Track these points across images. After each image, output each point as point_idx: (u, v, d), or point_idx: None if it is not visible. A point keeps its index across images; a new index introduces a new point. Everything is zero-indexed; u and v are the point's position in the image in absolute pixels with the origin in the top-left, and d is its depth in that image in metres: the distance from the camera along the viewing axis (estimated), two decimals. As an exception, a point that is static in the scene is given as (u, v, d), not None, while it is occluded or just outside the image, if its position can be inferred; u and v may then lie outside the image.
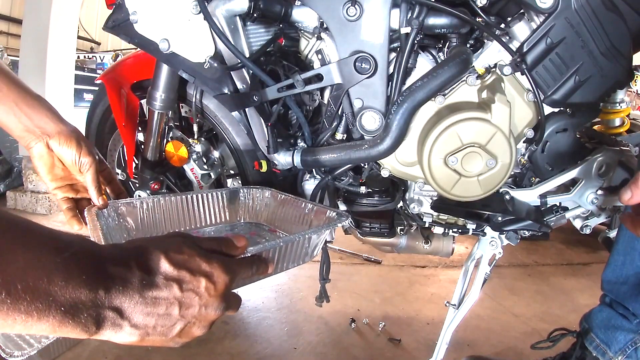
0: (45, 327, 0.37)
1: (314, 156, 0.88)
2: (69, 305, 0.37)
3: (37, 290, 0.35)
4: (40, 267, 0.36)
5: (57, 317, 0.36)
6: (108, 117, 1.47)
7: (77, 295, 0.37)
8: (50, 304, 0.36)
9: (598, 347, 0.99)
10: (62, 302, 0.36)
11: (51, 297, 0.36)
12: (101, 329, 0.41)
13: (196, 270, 0.47)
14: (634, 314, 0.96)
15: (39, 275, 0.35)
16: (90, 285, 0.38)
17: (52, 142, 0.71)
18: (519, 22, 0.82)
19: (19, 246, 0.36)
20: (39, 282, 0.35)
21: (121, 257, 0.43)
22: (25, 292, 0.34)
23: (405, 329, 1.45)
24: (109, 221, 0.76)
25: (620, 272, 0.97)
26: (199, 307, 0.48)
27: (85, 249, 0.41)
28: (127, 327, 0.44)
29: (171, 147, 1.22)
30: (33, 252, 0.36)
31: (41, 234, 0.38)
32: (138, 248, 0.46)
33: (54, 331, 0.38)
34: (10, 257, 0.35)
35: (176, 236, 0.51)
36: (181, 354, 1.25)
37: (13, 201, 2.40)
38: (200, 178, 1.25)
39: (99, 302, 0.39)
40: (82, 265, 0.39)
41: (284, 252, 0.71)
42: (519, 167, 0.93)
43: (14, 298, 0.34)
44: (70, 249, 0.39)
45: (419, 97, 0.77)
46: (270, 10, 0.84)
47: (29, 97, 0.70)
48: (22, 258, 0.35)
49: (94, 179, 0.74)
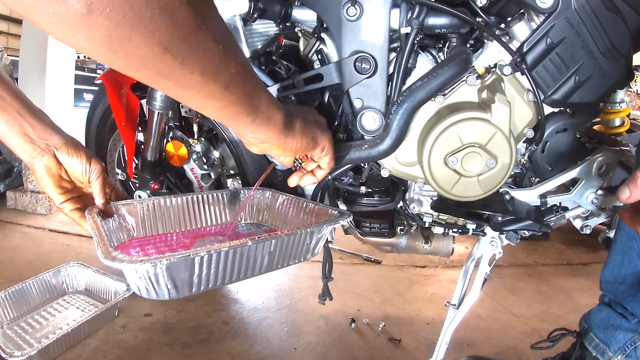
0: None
1: (313, 156, 0.88)
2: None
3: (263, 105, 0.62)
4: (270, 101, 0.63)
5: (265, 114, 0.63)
6: (108, 117, 1.47)
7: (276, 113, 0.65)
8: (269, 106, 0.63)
9: (597, 346, 0.99)
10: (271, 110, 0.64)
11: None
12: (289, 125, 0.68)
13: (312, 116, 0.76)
14: (632, 314, 0.96)
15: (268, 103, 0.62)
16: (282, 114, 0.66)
17: (60, 154, 0.70)
18: (519, 22, 0.82)
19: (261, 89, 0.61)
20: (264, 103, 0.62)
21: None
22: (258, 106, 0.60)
23: (405, 329, 1.45)
24: (110, 222, 0.76)
25: (618, 272, 0.97)
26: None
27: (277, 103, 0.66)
28: (297, 125, 0.70)
29: (171, 147, 1.23)
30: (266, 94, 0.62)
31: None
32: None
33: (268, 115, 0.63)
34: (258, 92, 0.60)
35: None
36: (181, 354, 1.25)
37: (13, 201, 2.40)
38: (200, 178, 1.25)
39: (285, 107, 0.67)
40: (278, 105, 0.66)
41: (285, 248, 0.71)
42: (519, 167, 0.93)
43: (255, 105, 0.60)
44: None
45: (419, 97, 0.77)
46: (270, 10, 0.84)
47: (32, 108, 0.69)
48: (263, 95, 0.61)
49: (102, 187, 0.74)
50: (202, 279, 0.61)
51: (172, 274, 0.58)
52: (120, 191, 0.84)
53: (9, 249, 1.90)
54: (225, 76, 0.51)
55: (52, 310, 1.40)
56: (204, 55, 0.46)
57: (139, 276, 0.57)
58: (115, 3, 0.35)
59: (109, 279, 1.48)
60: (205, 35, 0.45)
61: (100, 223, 0.68)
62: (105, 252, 0.57)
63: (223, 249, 0.61)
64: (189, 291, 0.61)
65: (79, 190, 0.76)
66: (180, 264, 0.57)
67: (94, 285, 1.52)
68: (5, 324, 1.31)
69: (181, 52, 0.43)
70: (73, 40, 0.37)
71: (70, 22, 0.35)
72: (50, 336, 1.18)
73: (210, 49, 0.47)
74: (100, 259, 0.56)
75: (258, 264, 0.69)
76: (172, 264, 0.56)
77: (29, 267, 1.70)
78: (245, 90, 0.55)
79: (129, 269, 0.55)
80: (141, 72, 0.44)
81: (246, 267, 0.67)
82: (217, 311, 1.48)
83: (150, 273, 0.56)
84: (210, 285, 0.63)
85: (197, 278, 0.61)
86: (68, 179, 0.73)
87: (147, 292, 0.59)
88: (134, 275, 0.57)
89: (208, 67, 0.48)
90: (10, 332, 1.27)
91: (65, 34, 0.37)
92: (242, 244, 0.63)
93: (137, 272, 0.56)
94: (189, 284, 0.61)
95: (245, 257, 0.66)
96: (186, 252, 0.57)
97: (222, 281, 0.65)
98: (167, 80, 0.46)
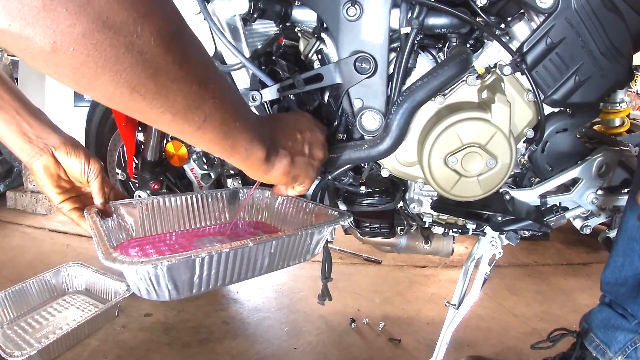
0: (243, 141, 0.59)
1: (314, 156, 0.88)
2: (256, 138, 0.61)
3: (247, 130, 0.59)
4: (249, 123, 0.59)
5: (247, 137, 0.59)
6: (108, 117, 1.47)
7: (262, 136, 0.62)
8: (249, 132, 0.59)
9: (598, 347, 0.99)
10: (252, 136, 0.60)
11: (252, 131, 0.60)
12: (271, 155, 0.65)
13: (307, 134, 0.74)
14: (633, 315, 0.96)
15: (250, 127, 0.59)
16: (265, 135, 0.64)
17: (59, 153, 0.69)
18: (519, 22, 0.82)
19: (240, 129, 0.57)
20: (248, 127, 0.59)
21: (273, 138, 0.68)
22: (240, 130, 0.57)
23: (405, 329, 1.45)
24: (109, 221, 0.76)
25: (619, 273, 0.97)
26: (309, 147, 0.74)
27: (260, 116, 0.67)
28: (279, 165, 0.67)
29: (171, 147, 1.23)
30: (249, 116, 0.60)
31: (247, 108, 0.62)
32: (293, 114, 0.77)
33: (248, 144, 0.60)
34: (238, 115, 0.56)
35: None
36: (181, 354, 1.25)
37: (13, 201, 2.39)
38: (200, 178, 1.25)
39: (270, 141, 0.65)
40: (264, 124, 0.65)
41: (286, 248, 0.71)
42: (519, 167, 0.93)
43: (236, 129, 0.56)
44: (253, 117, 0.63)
45: (419, 97, 0.77)
46: (270, 10, 0.84)
47: (30, 107, 0.68)
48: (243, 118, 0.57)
49: (101, 187, 0.74)
50: (203, 280, 0.61)
51: (172, 275, 0.58)
52: (119, 191, 0.84)
53: (9, 249, 1.90)
54: (199, 116, 0.49)
55: (52, 310, 1.40)
56: (174, 97, 0.45)
57: (140, 277, 0.56)
58: (78, 43, 0.36)
59: (109, 279, 1.48)
60: (178, 76, 0.44)
61: (100, 223, 0.68)
62: (106, 253, 0.57)
63: (224, 250, 0.61)
64: (190, 292, 0.61)
65: (78, 190, 0.75)
66: (181, 265, 0.57)
67: (94, 285, 1.52)
68: (5, 324, 1.31)
69: (150, 92, 0.43)
70: (46, 72, 0.38)
71: (38, 58, 0.36)
72: (50, 336, 1.18)
73: (182, 90, 0.45)
74: (100, 259, 0.56)
75: (259, 265, 0.69)
76: (173, 265, 0.56)
77: (29, 267, 1.70)
78: (221, 130, 0.53)
79: (129, 270, 0.55)
80: (112, 106, 0.44)
81: (247, 267, 0.67)
82: (217, 311, 1.48)
83: (151, 274, 0.56)
84: (211, 286, 0.63)
85: (198, 279, 0.61)
86: (67, 179, 0.73)
87: (147, 293, 0.59)
88: (134, 276, 0.57)
89: (180, 108, 0.46)
90: (10, 332, 1.27)
91: (38, 67, 0.38)
92: (243, 245, 0.63)
93: (138, 273, 0.56)
94: (189, 284, 0.61)
95: (246, 258, 0.66)
96: (187, 253, 0.57)
97: (223, 282, 0.65)
98: (138, 115, 0.46)
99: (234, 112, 0.54)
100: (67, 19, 0.34)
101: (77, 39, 0.35)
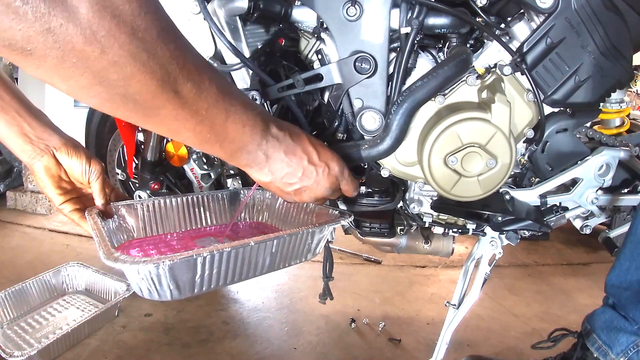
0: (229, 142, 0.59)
1: (314, 156, 0.88)
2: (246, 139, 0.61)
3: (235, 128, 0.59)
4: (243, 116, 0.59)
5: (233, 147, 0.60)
6: (108, 117, 1.47)
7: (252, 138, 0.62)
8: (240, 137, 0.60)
9: (600, 348, 0.99)
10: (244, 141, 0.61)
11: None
12: (254, 164, 0.65)
13: (322, 156, 0.70)
14: (634, 320, 0.95)
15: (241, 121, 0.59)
16: (260, 134, 0.62)
17: (60, 154, 0.70)
18: (519, 22, 0.82)
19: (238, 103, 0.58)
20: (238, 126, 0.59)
21: (282, 125, 0.66)
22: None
23: (405, 329, 1.45)
24: (110, 222, 0.76)
25: (624, 277, 0.96)
26: (314, 181, 0.70)
27: (265, 113, 0.64)
28: (266, 169, 0.66)
29: (171, 147, 1.23)
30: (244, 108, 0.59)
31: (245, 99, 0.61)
32: (292, 126, 0.69)
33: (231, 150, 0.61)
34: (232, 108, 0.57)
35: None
36: (181, 354, 1.25)
37: (13, 201, 2.39)
38: (200, 178, 1.25)
39: (261, 146, 0.63)
40: (259, 122, 0.62)
41: (287, 248, 0.71)
42: (519, 167, 0.94)
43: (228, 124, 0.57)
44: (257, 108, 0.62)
45: (419, 97, 0.77)
46: (270, 10, 0.84)
47: (31, 108, 0.69)
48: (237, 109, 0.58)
49: (102, 188, 0.74)
50: (204, 280, 0.61)
51: (174, 274, 0.58)
52: (120, 192, 0.84)
53: (9, 249, 1.90)
54: (189, 134, 0.54)
55: (52, 310, 1.40)
56: (162, 122, 0.50)
57: (142, 277, 0.56)
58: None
59: (109, 279, 1.48)
60: (167, 104, 0.49)
61: (101, 224, 0.68)
62: (107, 253, 0.57)
63: (225, 250, 0.61)
64: (191, 292, 0.61)
65: (79, 191, 0.75)
66: (182, 264, 0.57)
67: (94, 285, 1.52)
68: (5, 324, 1.31)
69: (139, 120, 0.49)
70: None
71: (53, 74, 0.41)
72: (50, 336, 1.18)
73: (174, 117, 0.50)
74: (102, 260, 0.56)
75: (260, 264, 0.69)
76: (174, 264, 0.56)
77: (29, 267, 1.70)
78: (214, 133, 0.57)
79: (131, 269, 0.55)
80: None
81: (248, 267, 0.67)
82: (217, 311, 1.48)
83: (153, 274, 0.56)
84: (213, 286, 0.63)
85: (200, 279, 0.61)
86: (67, 180, 0.73)
87: (149, 293, 0.59)
88: (136, 276, 0.57)
89: (171, 129, 0.52)
90: (10, 332, 1.27)
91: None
92: (245, 244, 0.63)
93: (140, 273, 0.56)
94: (191, 284, 0.61)
95: (248, 257, 0.66)
96: (189, 252, 0.57)
97: (225, 281, 0.65)
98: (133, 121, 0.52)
99: (226, 118, 0.58)
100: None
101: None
